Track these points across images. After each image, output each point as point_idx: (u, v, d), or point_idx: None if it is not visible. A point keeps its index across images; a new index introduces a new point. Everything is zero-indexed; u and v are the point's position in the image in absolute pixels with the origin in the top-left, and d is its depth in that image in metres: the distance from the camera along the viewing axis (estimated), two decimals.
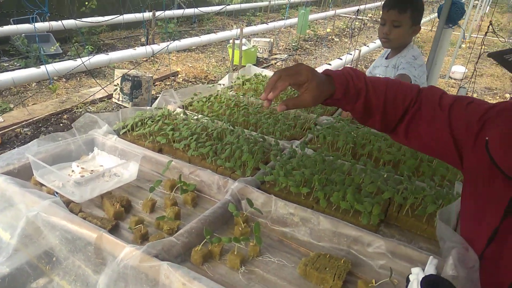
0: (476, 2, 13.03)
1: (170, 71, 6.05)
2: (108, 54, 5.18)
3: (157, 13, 7.57)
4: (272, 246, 1.13)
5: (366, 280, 1.01)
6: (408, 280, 0.93)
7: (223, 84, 2.24)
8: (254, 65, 7.14)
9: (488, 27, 3.13)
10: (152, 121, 1.61)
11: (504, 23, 15.34)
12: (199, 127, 1.57)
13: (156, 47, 5.54)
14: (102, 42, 7.74)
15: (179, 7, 9.64)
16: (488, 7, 17.61)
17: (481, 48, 3.32)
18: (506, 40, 11.15)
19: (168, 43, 4.99)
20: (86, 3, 8.02)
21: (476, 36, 10.07)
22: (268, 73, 2.52)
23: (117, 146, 1.42)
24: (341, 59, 5.12)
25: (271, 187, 1.33)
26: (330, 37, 10.67)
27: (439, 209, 1.17)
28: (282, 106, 0.96)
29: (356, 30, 10.48)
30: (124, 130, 1.56)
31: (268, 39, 8.17)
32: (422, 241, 1.19)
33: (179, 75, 6.29)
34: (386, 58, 2.32)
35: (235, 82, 2.29)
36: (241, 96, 2.04)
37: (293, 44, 9.15)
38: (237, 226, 1.15)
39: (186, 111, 1.76)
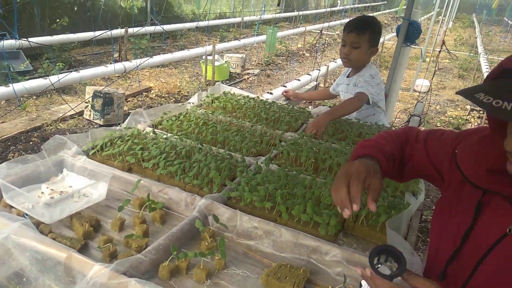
0: (440, 17, 13.69)
1: (140, 88, 6.06)
2: (79, 72, 5.15)
3: (130, 30, 7.60)
4: (237, 259, 1.20)
5: (323, 286, 1.09)
6: (360, 285, 1.02)
7: (193, 103, 2.31)
8: (226, 80, 7.24)
9: (441, 46, 3.35)
10: (121, 141, 1.66)
11: (465, 38, 16.13)
12: (168, 146, 1.63)
13: (128, 64, 5.55)
14: (73, 59, 7.67)
15: (152, 24, 9.68)
16: (451, 22, 18.48)
17: (436, 64, 3.54)
18: (468, 54, 11.75)
19: (140, 61, 5.01)
20: (58, 20, 7.96)
21: (435, 49, 10.56)
22: (237, 90, 2.61)
23: (86, 167, 1.46)
24: (310, 74, 5.29)
25: (237, 202, 1.40)
26: (301, 52, 10.95)
27: (390, 218, 1.28)
28: (373, 204, 0.94)
29: (325, 45, 10.80)
30: (93, 151, 1.60)
31: (240, 55, 8.31)
32: None
33: (152, 91, 6.31)
34: (348, 77, 2.47)
35: (204, 100, 2.37)
36: (210, 114, 2.11)
37: (265, 60, 9.34)
38: (203, 241, 1.21)
39: (155, 130, 1.82)
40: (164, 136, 1.76)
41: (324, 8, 18.99)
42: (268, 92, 4.34)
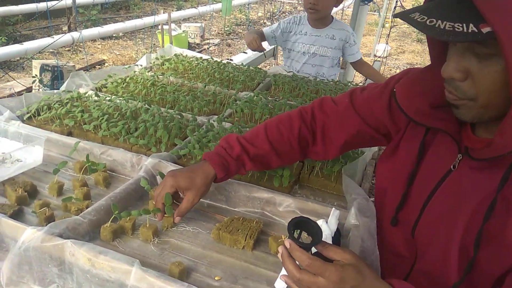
0: None
1: (93, 61, 5.76)
2: (23, 44, 4.79)
3: (78, 0, 7.14)
4: (188, 217, 1.14)
5: (276, 236, 1.05)
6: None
7: (141, 65, 2.17)
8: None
9: (396, 2, 3.35)
10: (59, 105, 1.53)
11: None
12: (111, 108, 1.51)
13: (76, 35, 5.23)
14: (18, 33, 7.14)
15: None
16: None
17: (390, 28, 3.54)
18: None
19: (89, 30, 4.72)
20: None
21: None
22: (189, 52, 2.49)
23: (21, 132, 1.34)
24: None
25: (187, 161, 1.33)
26: (262, 21, 10.75)
27: (344, 166, 1.25)
28: (177, 218, 1.06)
29: (285, 13, 10.64)
30: (28, 115, 1.46)
31: (199, 24, 8.03)
32: (332, 198, 1.26)
33: (106, 64, 6.01)
34: (313, 27, 2.37)
35: (153, 62, 2.23)
36: (160, 76, 2.00)
37: (226, 29, 9.10)
38: (151, 200, 1.14)
39: (98, 93, 1.69)
40: (108, 98, 1.64)
41: None
42: (228, 59, 4.23)
